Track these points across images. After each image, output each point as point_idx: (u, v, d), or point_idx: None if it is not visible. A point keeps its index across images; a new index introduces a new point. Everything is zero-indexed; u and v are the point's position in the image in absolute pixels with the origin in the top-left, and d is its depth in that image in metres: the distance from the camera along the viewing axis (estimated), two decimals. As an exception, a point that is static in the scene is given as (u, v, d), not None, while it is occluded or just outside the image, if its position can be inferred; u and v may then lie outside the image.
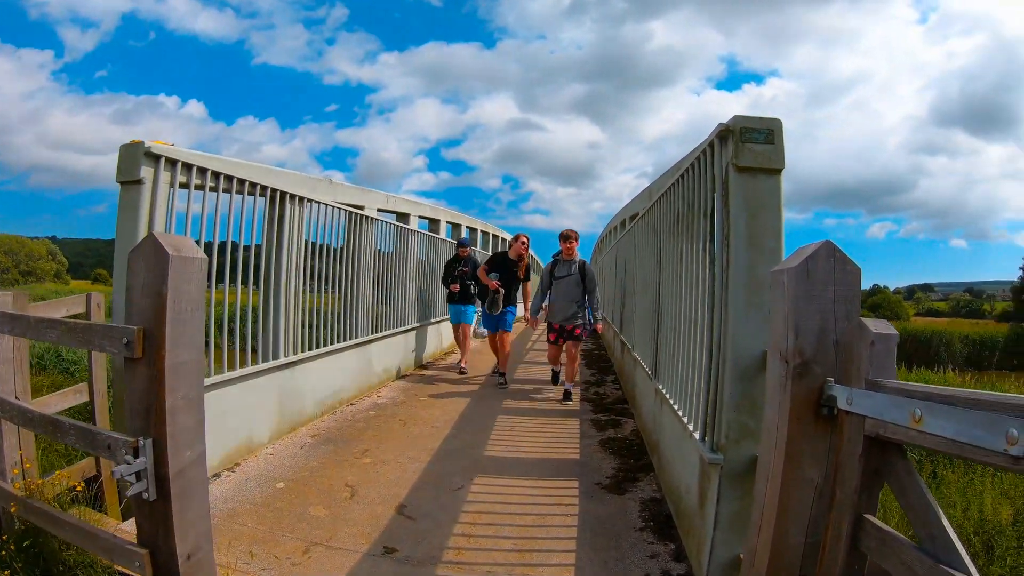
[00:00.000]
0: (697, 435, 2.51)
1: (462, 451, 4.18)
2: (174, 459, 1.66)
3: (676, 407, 3.02)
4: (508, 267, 6.56)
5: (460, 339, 7.54)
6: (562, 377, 6.24)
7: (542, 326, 6.86)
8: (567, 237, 5.91)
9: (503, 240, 14.10)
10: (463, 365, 7.30)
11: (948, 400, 0.98)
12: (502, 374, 6.66)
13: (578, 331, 5.89)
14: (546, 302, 6.08)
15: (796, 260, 1.46)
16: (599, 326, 6.22)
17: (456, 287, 7.25)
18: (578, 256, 5.96)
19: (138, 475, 1.63)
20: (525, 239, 6.62)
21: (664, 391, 3.43)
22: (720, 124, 2.32)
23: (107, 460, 2.36)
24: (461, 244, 7.59)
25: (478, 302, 7.30)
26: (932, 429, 1.00)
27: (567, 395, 5.87)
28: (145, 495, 1.65)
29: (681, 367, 2.97)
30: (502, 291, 6.43)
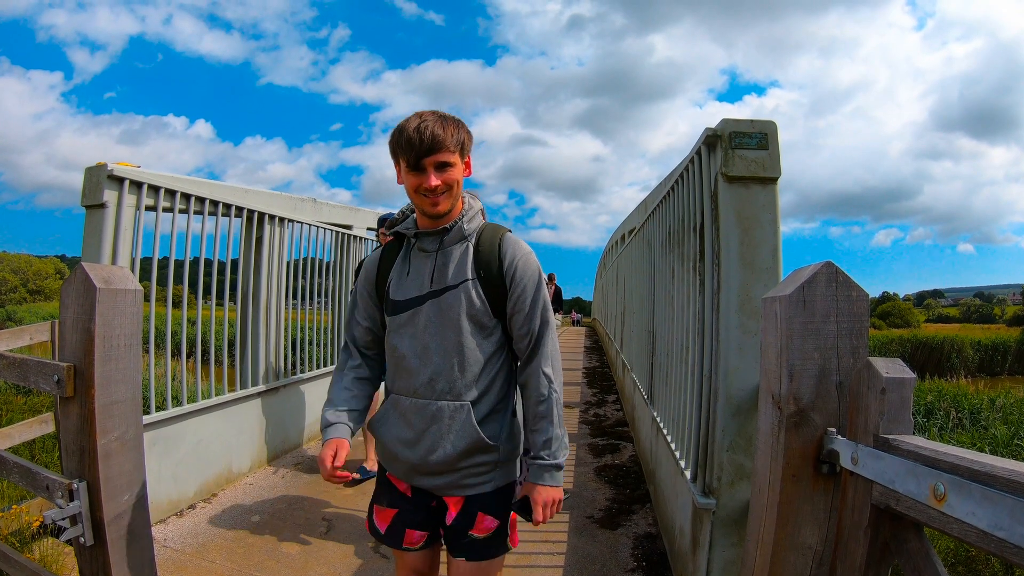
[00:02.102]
0: (688, 474, 2.28)
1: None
2: (109, 503, 1.57)
3: (670, 440, 2.78)
4: None
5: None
6: None
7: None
8: (409, 144, 1.33)
9: None
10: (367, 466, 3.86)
11: (983, 477, 0.74)
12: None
13: (489, 523, 1.48)
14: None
15: (791, 286, 1.22)
16: (547, 498, 1.43)
17: None
18: (466, 205, 1.45)
19: (74, 519, 1.54)
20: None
21: (659, 420, 3.18)
22: (707, 129, 2.09)
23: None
24: (385, 222, 3.66)
25: None
26: (959, 514, 0.76)
27: None
28: (82, 539, 1.56)
29: (673, 397, 2.73)
30: None
